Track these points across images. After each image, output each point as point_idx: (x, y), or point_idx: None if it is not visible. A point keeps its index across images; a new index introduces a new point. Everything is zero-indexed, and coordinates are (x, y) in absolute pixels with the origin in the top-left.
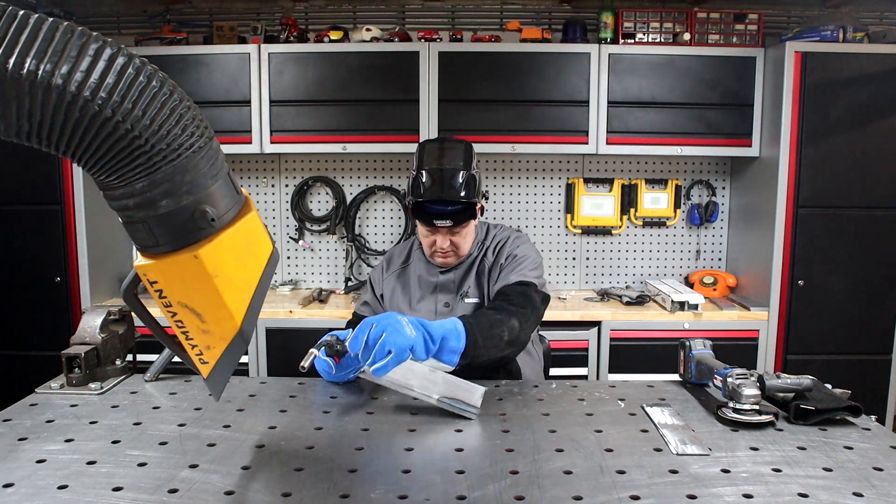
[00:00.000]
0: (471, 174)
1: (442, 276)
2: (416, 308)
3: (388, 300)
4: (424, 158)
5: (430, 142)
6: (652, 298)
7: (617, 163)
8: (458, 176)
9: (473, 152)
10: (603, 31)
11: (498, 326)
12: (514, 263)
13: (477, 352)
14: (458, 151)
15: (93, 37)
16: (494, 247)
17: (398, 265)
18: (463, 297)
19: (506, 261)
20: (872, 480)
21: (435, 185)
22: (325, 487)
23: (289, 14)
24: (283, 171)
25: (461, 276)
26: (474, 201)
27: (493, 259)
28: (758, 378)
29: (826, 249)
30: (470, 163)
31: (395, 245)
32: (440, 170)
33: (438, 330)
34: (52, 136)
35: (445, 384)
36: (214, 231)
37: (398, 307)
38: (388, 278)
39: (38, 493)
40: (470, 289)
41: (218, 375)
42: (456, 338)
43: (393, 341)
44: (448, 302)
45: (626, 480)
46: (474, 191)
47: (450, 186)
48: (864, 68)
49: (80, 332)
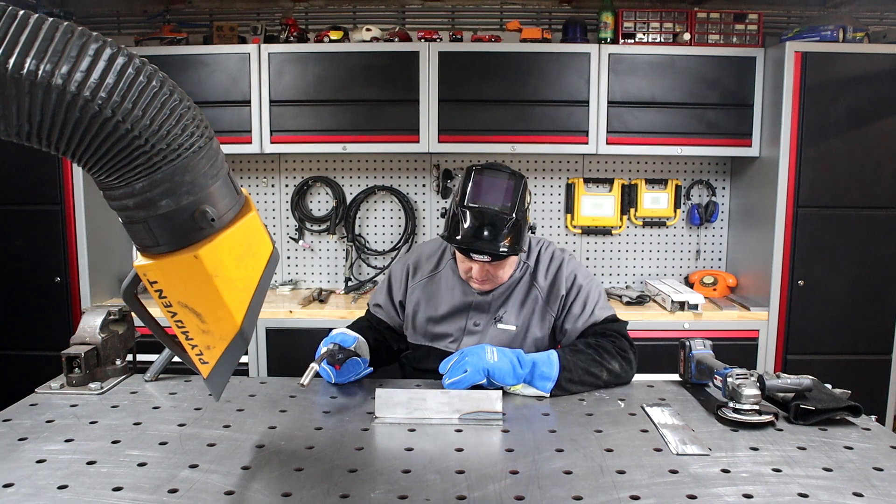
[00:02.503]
0: (517, 220)
1: (479, 296)
2: (442, 325)
3: (410, 313)
4: (468, 192)
5: (478, 171)
6: (652, 298)
7: (617, 163)
8: (502, 227)
9: (525, 187)
10: (603, 31)
11: (597, 367)
12: (586, 296)
13: (573, 387)
14: (504, 185)
15: (93, 37)
16: (545, 271)
17: (427, 272)
18: (496, 322)
19: (570, 291)
20: (872, 480)
21: (474, 231)
22: (325, 487)
23: (289, 14)
24: (283, 171)
25: (499, 297)
26: (517, 250)
27: (546, 286)
28: (758, 378)
29: (826, 249)
30: (517, 203)
31: (424, 243)
32: (482, 213)
33: (530, 357)
34: (53, 136)
35: (461, 401)
36: (214, 231)
37: (421, 323)
38: (413, 288)
39: (38, 493)
40: (506, 314)
41: (218, 375)
42: (548, 365)
43: (470, 361)
44: (478, 322)
45: (626, 480)
46: (519, 239)
47: (492, 238)
48: (864, 68)
49: (80, 332)
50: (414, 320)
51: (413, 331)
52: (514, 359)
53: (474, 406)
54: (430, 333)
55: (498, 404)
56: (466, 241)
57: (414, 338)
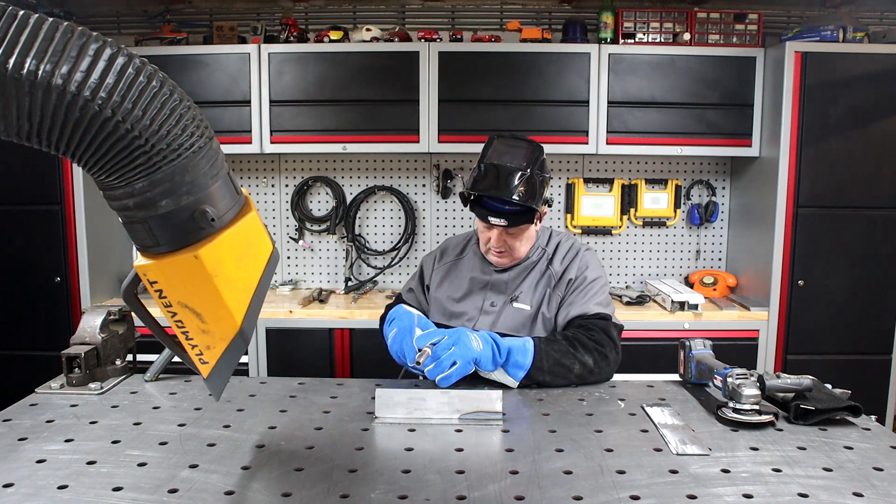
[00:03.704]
0: (530, 176)
1: (496, 274)
2: (460, 304)
3: (434, 291)
4: (488, 153)
5: (498, 138)
6: (652, 298)
7: (617, 163)
8: (516, 176)
9: (542, 155)
10: (603, 31)
11: (569, 359)
12: (587, 288)
13: (542, 377)
14: (523, 150)
15: (93, 37)
16: (563, 257)
17: (452, 257)
18: (512, 301)
19: (576, 279)
20: (872, 480)
21: (489, 180)
22: (325, 487)
23: (289, 14)
24: (283, 171)
25: (516, 278)
26: (530, 205)
27: (560, 270)
28: (758, 378)
29: (826, 249)
30: (533, 164)
31: (454, 236)
32: (496, 166)
33: (506, 343)
34: (52, 136)
35: (461, 401)
36: (214, 231)
37: (441, 301)
38: (438, 269)
39: (38, 493)
40: (522, 294)
41: (218, 375)
42: (522, 354)
43: (459, 353)
44: (495, 302)
45: (626, 480)
46: (533, 194)
47: (505, 185)
48: (864, 68)
49: (80, 332)
50: (435, 299)
51: (433, 308)
52: (493, 345)
53: (474, 406)
54: (449, 311)
55: (498, 404)
56: (479, 187)
57: (434, 316)
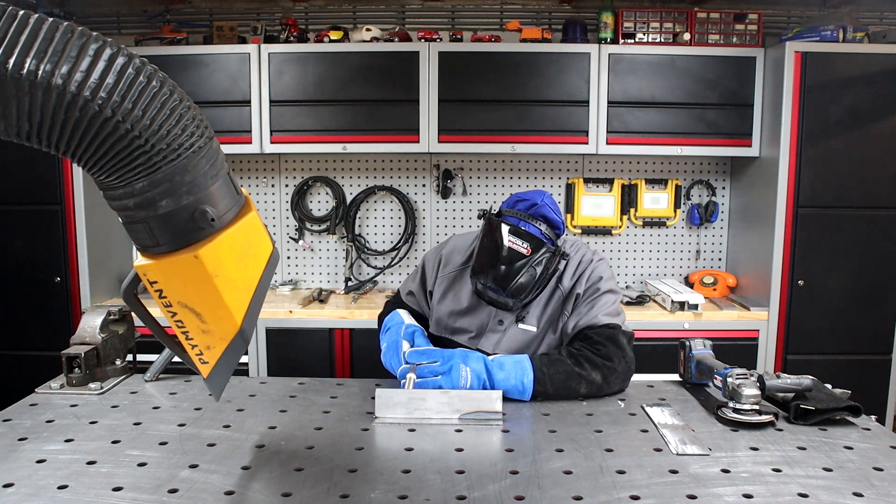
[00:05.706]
0: (536, 270)
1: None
2: (463, 319)
3: (436, 304)
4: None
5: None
6: (652, 298)
7: (617, 163)
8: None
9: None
10: (603, 31)
11: (575, 380)
12: (597, 299)
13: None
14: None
15: (93, 37)
16: (572, 272)
17: (457, 264)
18: (518, 322)
19: (585, 292)
20: (872, 480)
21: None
22: (325, 487)
23: (289, 14)
24: (283, 171)
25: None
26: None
27: (569, 286)
28: (758, 378)
29: (826, 249)
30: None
31: (459, 235)
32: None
33: (502, 384)
34: (53, 136)
35: (461, 400)
36: (214, 231)
37: (443, 315)
38: (441, 278)
39: (38, 493)
40: (528, 316)
41: (218, 375)
42: (520, 393)
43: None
44: (503, 320)
45: (626, 480)
46: (538, 283)
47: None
48: (864, 68)
49: (80, 332)
50: (437, 312)
51: (435, 322)
52: (486, 382)
53: (474, 406)
54: (451, 327)
55: (498, 404)
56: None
57: (435, 329)
